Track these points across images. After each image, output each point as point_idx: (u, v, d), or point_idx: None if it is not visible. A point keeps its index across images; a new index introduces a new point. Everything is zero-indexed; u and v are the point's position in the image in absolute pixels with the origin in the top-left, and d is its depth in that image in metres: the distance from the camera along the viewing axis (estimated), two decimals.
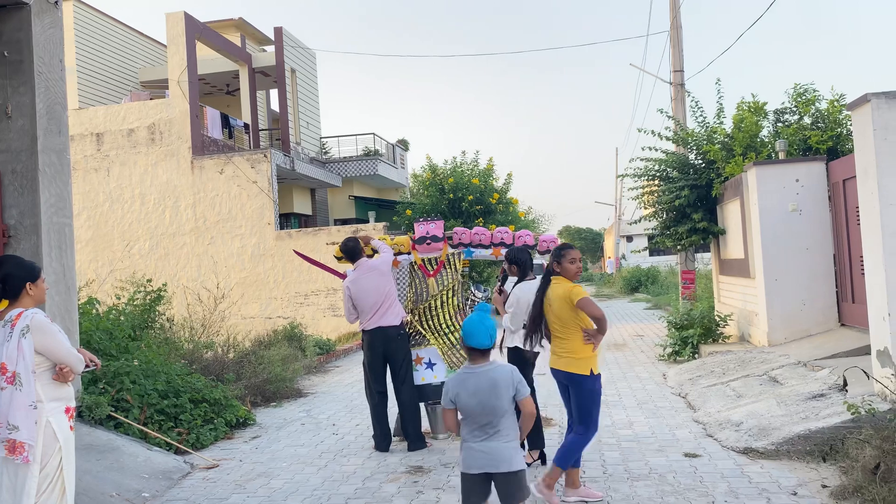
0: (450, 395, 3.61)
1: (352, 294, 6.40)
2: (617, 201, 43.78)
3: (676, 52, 14.81)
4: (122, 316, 8.69)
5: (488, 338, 3.60)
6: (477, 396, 3.52)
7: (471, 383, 3.56)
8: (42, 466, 3.53)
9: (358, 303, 6.40)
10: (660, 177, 12.18)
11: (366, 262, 6.52)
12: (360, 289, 6.38)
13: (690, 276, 13.96)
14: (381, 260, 6.57)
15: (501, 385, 3.53)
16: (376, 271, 6.43)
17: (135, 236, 19.61)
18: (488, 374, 3.56)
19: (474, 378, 3.57)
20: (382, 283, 6.41)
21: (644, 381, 9.10)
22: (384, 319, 6.38)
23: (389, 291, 6.44)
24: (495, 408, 3.51)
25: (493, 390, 3.52)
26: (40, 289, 3.72)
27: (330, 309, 18.38)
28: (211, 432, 6.99)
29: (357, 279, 6.43)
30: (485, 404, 3.51)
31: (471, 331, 3.60)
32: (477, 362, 3.62)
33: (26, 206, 6.22)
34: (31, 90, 6.27)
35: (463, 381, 3.59)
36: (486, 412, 3.52)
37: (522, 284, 5.73)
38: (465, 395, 3.55)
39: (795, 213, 9.20)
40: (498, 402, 3.52)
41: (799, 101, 10.96)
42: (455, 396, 3.59)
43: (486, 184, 19.50)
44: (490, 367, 3.59)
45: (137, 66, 23.00)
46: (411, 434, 6.38)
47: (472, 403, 3.54)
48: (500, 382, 3.53)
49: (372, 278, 6.39)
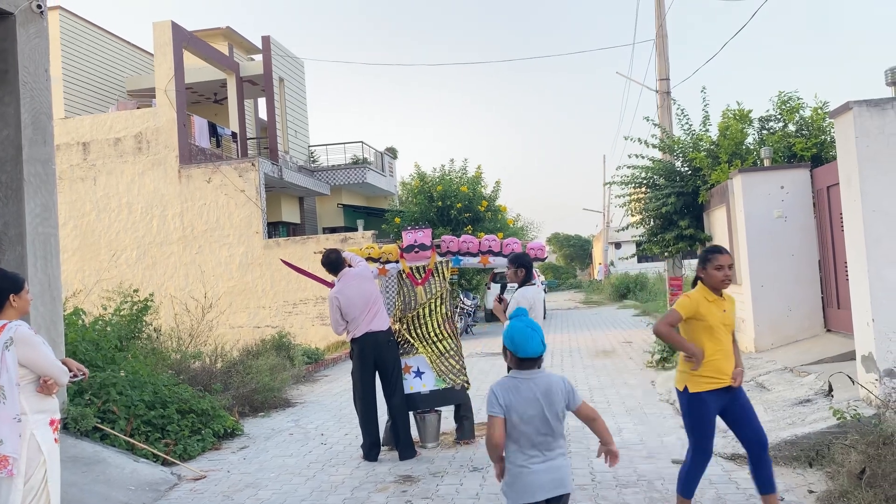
0: (500, 400, 3.15)
1: (340, 304, 6.39)
2: (605, 208, 43.99)
3: (662, 60, 14.93)
4: (109, 326, 8.63)
5: (541, 342, 3.21)
6: (534, 404, 3.12)
7: (525, 389, 3.15)
8: (26, 479, 3.49)
9: (347, 311, 6.40)
10: (647, 184, 12.26)
11: (349, 272, 6.54)
12: (348, 297, 6.38)
13: (678, 282, 14.03)
14: (362, 267, 6.63)
15: (556, 392, 3.16)
16: (360, 277, 6.47)
17: (122, 246, 19.49)
18: (544, 380, 3.18)
19: (529, 384, 3.16)
20: (368, 289, 6.45)
21: (633, 388, 9.13)
22: (374, 324, 6.38)
23: (376, 296, 6.48)
24: (553, 417, 3.13)
25: (548, 397, 3.14)
26: (24, 300, 3.69)
27: (318, 318, 18.32)
28: (198, 443, 6.95)
29: (343, 288, 6.43)
30: (543, 413, 3.11)
31: (521, 339, 3.18)
32: (530, 368, 3.21)
33: (11, 216, 6.18)
34: (16, 100, 6.25)
35: (515, 386, 3.17)
36: (543, 423, 3.12)
37: (524, 289, 5.69)
38: (520, 403, 3.12)
39: (781, 220, 9.28)
40: (555, 410, 3.14)
41: (783, 109, 11.08)
42: (508, 403, 3.13)
43: (475, 191, 19.56)
44: (544, 373, 3.22)
45: (124, 75, 22.92)
46: (402, 442, 6.36)
47: (529, 412, 3.11)
48: (555, 388, 3.17)
49: (357, 285, 6.41)
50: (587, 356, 12.57)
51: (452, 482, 5.56)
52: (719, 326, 4.14)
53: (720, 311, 4.16)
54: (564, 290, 46.25)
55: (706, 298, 4.17)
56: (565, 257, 62.74)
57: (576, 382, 9.82)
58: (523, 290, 5.69)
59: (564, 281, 50.54)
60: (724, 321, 4.17)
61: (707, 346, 4.13)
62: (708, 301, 4.17)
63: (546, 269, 48.50)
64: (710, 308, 4.15)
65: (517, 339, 3.18)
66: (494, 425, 3.13)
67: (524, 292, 5.67)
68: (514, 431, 3.14)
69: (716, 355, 4.12)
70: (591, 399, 8.56)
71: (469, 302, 19.40)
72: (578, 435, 6.79)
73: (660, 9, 15.09)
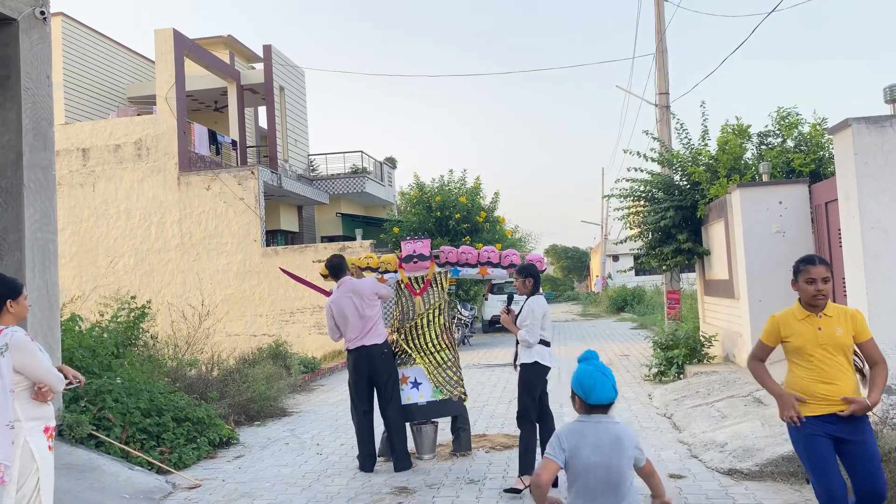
0: (563, 444, 2.91)
1: (334, 313, 6.39)
2: (603, 221, 44.05)
3: (662, 74, 14.99)
4: (106, 333, 8.61)
5: (613, 389, 2.97)
6: (600, 452, 2.87)
7: (591, 435, 2.90)
8: (19, 487, 3.47)
9: (339, 322, 6.39)
10: (645, 197, 12.28)
11: (348, 282, 6.49)
12: (340, 307, 6.36)
13: (675, 296, 14.03)
14: (367, 283, 6.50)
15: (626, 444, 2.90)
16: (357, 294, 6.37)
17: (119, 252, 19.46)
18: (612, 429, 2.92)
19: (595, 429, 2.91)
20: (362, 306, 6.34)
21: (630, 402, 9.11)
22: (366, 339, 6.35)
23: (371, 315, 6.35)
24: (619, 469, 2.87)
25: (616, 448, 2.88)
26: (21, 306, 3.68)
27: (315, 327, 18.29)
28: (194, 451, 6.91)
29: (338, 299, 6.41)
30: (609, 463, 2.86)
31: (591, 385, 2.94)
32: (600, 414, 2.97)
33: (10, 221, 6.17)
34: (17, 106, 6.26)
35: (580, 431, 2.93)
36: (610, 475, 2.87)
37: (534, 299, 5.64)
38: (585, 450, 2.87)
39: (779, 235, 9.30)
40: (621, 461, 2.88)
41: (782, 125, 11.12)
42: (572, 449, 2.89)
43: (474, 202, 19.58)
44: (613, 422, 2.97)
45: (125, 82, 22.97)
46: (398, 453, 6.33)
47: (593, 461, 2.86)
48: (625, 441, 2.90)
49: (351, 300, 6.35)
50: None
51: (448, 494, 5.54)
52: (812, 347, 3.66)
53: (814, 330, 3.67)
54: (562, 301, 46.24)
55: (795, 317, 3.74)
56: (563, 269, 62.80)
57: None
58: (534, 300, 5.63)
59: (562, 293, 50.57)
60: (820, 341, 3.65)
61: (795, 372, 3.72)
62: (797, 319, 3.72)
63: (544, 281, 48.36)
64: (800, 327, 3.70)
65: (586, 384, 2.96)
66: (546, 467, 2.92)
67: (536, 302, 5.62)
68: (577, 481, 2.91)
69: (806, 379, 3.67)
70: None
71: (466, 313, 19.38)
72: None
73: (660, 24, 15.17)
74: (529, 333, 5.54)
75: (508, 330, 5.80)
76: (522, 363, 5.61)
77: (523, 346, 5.61)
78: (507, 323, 5.80)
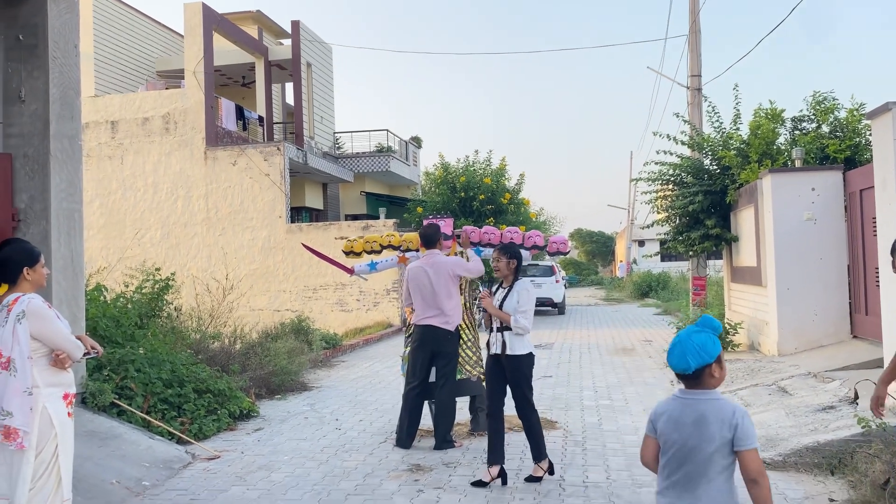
0: (652, 416, 2.77)
1: (409, 282, 6.33)
2: (630, 205, 43.59)
3: (694, 56, 14.68)
4: (130, 304, 8.69)
5: (683, 356, 2.64)
6: (678, 429, 2.64)
7: (675, 410, 2.69)
8: (38, 453, 3.49)
9: (411, 291, 6.31)
10: (674, 181, 12.09)
11: (434, 256, 6.30)
12: (415, 279, 6.26)
13: (701, 282, 13.84)
14: (448, 261, 6.27)
15: (711, 422, 2.59)
16: (435, 269, 6.17)
17: (146, 225, 19.67)
18: (697, 405, 2.65)
19: (681, 405, 2.69)
20: (437, 283, 6.13)
21: (652, 387, 9.02)
22: (436, 320, 6.19)
23: (444, 295, 6.13)
24: (699, 451, 2.59)
25: (699, 426, 2.60)
26: (39, 274, 3.68)
27: (338, 304, 18.38)
28: (214, 423, 6.97)
29: (415, 269, 6.28)
30: (685, 443, 2.61)
31: (671, 350, 2.72)
32: (688, 387, 2.71)
33: (37, 190, 6.22)
34: (45, 75, 6.27)
35: (667, 404, 2.75)
36: (689, 456, 2.61)
37: (525, 281, 5.30)
38: (665, 423, 2.69)
39: (810, 223, 9.09)
40: (701, 443, 2.59)
41: (817, 110, 10.84)
42: (657, 421, 2.73)
43: (498, 183, 19.42)
44: (701, 397, 2.66)
45: (154, 56, 23.07)
46: (440, 434, 6.24)
47: (672, 437, 2.66)
48: (710, 418, 2.60)
49: (427, 274, 6.17)
50: (606, 353, 12.45)
51: (465, 473, 5.52)
52: None
53: None
54: (585, 286, 46.01)
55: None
56: (587, 253, 62.42)
57: (593, 379, 9.73)
58: (524, 283, 5.24)
59: (585, 277, 50.31)
60: None
61: None
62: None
63: (567, 265, 48.29)
64: None
65: (669, 349, 2.73)
66: (645, 446, 2.79)
67: (527, 286, 5.23)
68: (662, 456, 2.72)
69: None
70: (608, 396, 8.47)
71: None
72: (594, 433, 6.72)
73: (694, 4, 14.83)
74: (528, 320, 5.17)
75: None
76: (517, 353, 5.18)
77: (514, 335, 5.16)
78: (491, 307, 5.20)
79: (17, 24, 6.27)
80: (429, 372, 6.37)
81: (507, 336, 5.17)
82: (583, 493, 4.99)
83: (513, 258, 5.26)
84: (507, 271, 5.25)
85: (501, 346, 5.19)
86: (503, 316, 5.15)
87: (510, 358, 5.18)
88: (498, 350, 5.22)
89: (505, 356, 5.19)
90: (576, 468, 5.59)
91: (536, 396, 8.60)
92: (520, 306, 5.15)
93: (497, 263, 5.27)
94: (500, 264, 5.26)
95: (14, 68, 6.27)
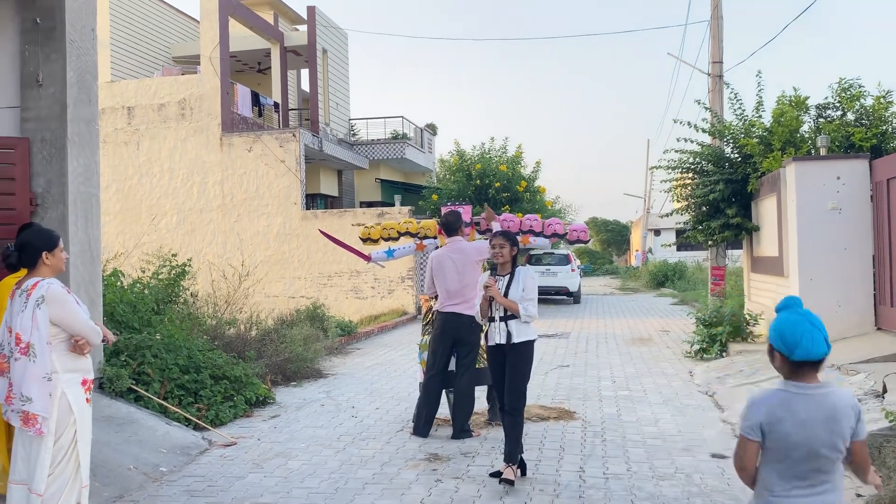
0: (760, 418, 2.44)
1: (433, 269, 6.29)
2: (646, 194, 43.26)
3: (716, 42, 14.44)
4: (147, 289, 8.68)
5: (825, 341, 2.44)
6: (808, 428, 2.40)
7: (801, 409, 2.41)
8: (56, 439, 3.47)
9: (436, 278, 6.29)
10: (694, 170, 11.91)
11: (458, 243, 6.30)
12: (440, 265, 6.24)
13: (720, 272, 13.67)
14: (474, 246, 6.28)
15: (843, 416, 2.41)
16: (461, 255, 6.19)
17: (162, 211, 19.72)
18: (827, 399, 2.42)
19: (806, 402, 2.42)
20: (463, 269, 6.15)
21: (670, 378, 8.92)
22: (461, 307, 6.16)
23: (470, 282, 6.10)
24: (831, 450, 2.41)
25: (830, 423, 2.40)
26: (58, 258, 3.64)
27: (353, 291, 18.36)
28: (230, 409, 6.95)
29: (440, 255, 6.28)
30: (816, 442, 2.40)
31: (796, 337, 2.43)
32: (807, 379, 2.45)
33: (54, 174, 6.19)
34: (62, 58, 6.23)
35: (787, 403, 2.43)
36: (815, 458, 2.41)
37: (527, 268, 5.19)
38: (790, 425, 2.41)
39: (835, 212, 8.91)
40: (835, 439, 2.41)
41: (843, 97, 10.60)
42: (770, 423, 2.42)
43: (514, 171, 19.27)
44: (828, 390, 2.45)
45: (170, 42, 23.05)
46: (459, 424, 6.19)
47: (798, 438, 2.40)
48: (842, 412, 2.41)
49: (452, 260, 6.18)
50: (623, 343, 12.35)
51: (483, 463, 5.46)
52: None
53: None
54: (600, 275, 45.79)
55: None
56: (602, 242, 62.12)
57: (611, 369, 9.64)
58: (527, 270, 5.12)
59: (600, 266, 50.05)
60: None
61: None
62: None
63: (581, 254, 48.04)
64: None
65: (789, 337, 2.44)
66: (746, 449, 2.48)
67: (530, 273, 5.11)
68: (771, 455, 2.46)
69: None
70: (626, 387, 8.38)
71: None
72: (614, 423, 6.64)
73: None
74: (535, 308, 5.05)
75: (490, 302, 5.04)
76: (524, 341, 5.03)
77: (520, 322, 5.01)
78: (499, 297, 4.97)
79: (35, 7, 6.22)
80: (449, 360, 6.31)
81: (511, 325, 5.02)
82: (603, 486, 4.92)
83: (515, 245, 5.14)
84: (509, 258, 5.11)
85: (507, 336, 5.02)
86: (511, 305, 4.99)
87: (516, 346, 5.02)
88: (502, 340, 5.03)
89: (511, 345, 5.02)
90: (596, 459, 5.51)
91: (553, 386, 8.61)
92: (526, 293, 5.02)
93: (501, 250, 5.10)
94: (504, 251, 5.10)
95: (31, 51, 6.23)
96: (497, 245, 5.12)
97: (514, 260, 5.13)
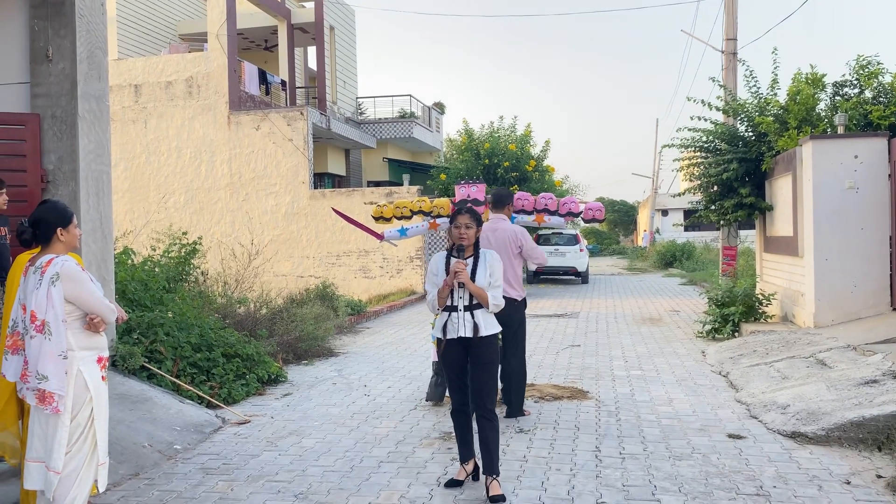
0: None
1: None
2: (654, 174, 42.97)
3: (730, 19, 14.21)
4: (158, 268, 8.67)
5: None
6: None
7: None
8: (73, 417, 3.44)
9: None
10: (707, 148, 11.77)
11: (499, 222, 6.02)
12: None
13: (732, 252, 13.57)
14: (512, 231, 5.98)
15: None
16: (501, 238, 5.89)
17: (170, 189, 19.68)
18: None
19: None
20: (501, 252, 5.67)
21: (682, 358, 8.87)
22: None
23: (508, 263, 5.77)
24: None
25: None
26: (72, 234, 3.59)
27: (361, 270, 18.34)
28: (243, 388, 6.95)
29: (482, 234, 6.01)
30: None
31: None
32: None
33: (65, 151, 6.13)
34: (72, 33, 6.15)
35: None
36: None
37: (491, 252, 4.58)
38: None
39: (852, 191, 8.80)
40: None
41: (861, 74, 10.42)
42: None
43: (523, 150, 19.13)
44: None
45: (177, 19, 22.87)
46: (514, 403, 6.08)
47: None
48: None
49: (490, 242, 5.75)
50: (633, 323, 12.30)
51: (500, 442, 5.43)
52: None
53: None
54: (607, 255, 45.66)
55: None
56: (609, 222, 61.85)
57: (622, 349, 9.59)
58: (491, 252, 4.55)
59: (607, 246, 49.90)
60: None
61: None
62: None
63: (589, 234, 47.89)
64: None
65: None
66: None
67: (494, 255, 4.54)
68: None
69: None
70: (639, 367, 8.34)
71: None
72: (627, 403, 6.60)
73: None
74: (501, 295, 4.51)
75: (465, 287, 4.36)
76: (491, 333, 4.43)
77: (485, 312, 4.42)
78: (470, 284, 4.33)
79: None
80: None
81: (478, 315, 4.38)
82: (620, 465, 4.88)
83: (480, 225, 4.51)
84: (473, 239, 4.45)
85: (473, 329, 4.35)
86: (481, 293, 4.35)
87: (484, 339, 4.38)
88: (468, 333, 4.35)
89: (478, 338, 4.37)
90: (611, 439, 5.48)
91: (565, 365, 8.58)
92: (494, 280, 4.43)
93: (467, 231, 4.39)
94: (471, 232, 4.41)
95: (40, 26, 6.14)
96: (463, 224, 4.40)
97: (476, 241, 4.50)
